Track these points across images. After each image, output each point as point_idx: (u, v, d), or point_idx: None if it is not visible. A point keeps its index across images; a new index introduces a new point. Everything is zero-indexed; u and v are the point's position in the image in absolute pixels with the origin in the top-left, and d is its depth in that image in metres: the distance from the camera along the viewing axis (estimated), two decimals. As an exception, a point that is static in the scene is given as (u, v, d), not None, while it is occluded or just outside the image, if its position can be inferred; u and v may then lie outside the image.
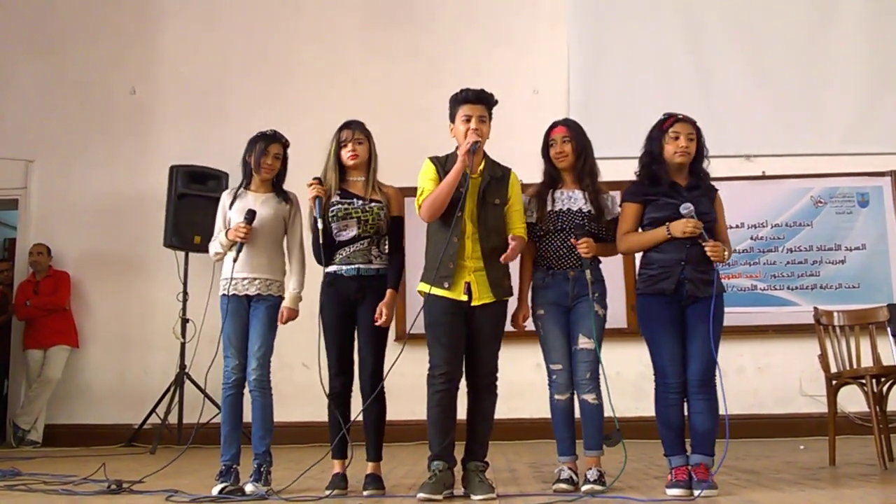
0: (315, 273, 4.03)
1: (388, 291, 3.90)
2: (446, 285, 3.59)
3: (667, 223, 3.62)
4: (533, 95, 7.38)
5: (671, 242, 3.61)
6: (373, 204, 3.91)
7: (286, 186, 4.17)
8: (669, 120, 3.75)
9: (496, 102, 3.72)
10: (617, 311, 6.07)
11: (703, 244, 3.55)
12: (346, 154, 3.91)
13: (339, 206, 3.87)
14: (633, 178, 3.90)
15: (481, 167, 3.69)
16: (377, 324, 3.83)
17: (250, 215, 3.95)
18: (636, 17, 7.53)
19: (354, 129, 3.95)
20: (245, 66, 7.66)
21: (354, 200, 3.90)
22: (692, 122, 3.75)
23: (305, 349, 4.48)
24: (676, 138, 3.70)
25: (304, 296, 4.08)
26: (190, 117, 7.57)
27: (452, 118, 3.73)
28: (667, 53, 7.45)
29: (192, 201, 6.83)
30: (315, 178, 3.90)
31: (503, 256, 3.60)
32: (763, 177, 7.13)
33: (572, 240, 3.77)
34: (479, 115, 3.67)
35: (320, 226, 3.80)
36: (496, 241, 3.68)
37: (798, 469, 4.43)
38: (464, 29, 7.63)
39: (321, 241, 3.84)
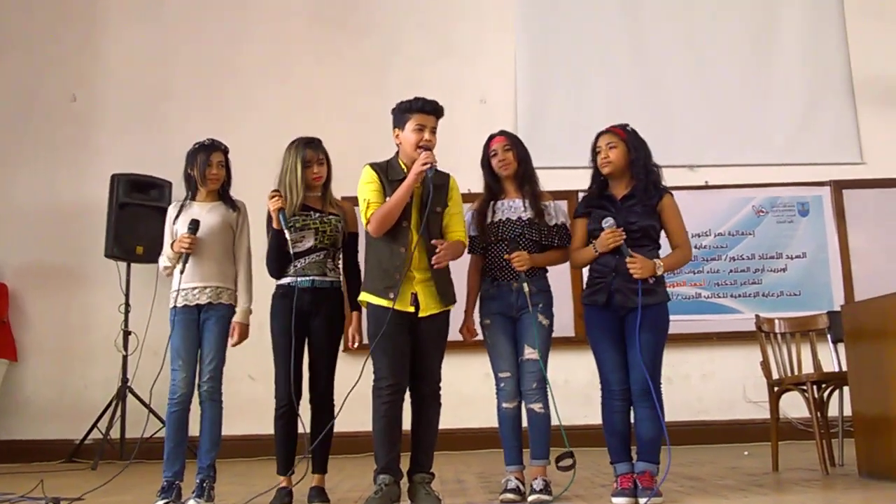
0: (264, 285, 3.99)
1: (355, 315, 3.90)
2: (392, 295, 3.56)
3: (592, 241, 3.69)
4: (480, 105, 7.40)
5: (607, 254, 3.65)
6: (330, 216, 3.90)
7: (232, 193, 4.13)
8: (595, 139, 3.85)
9: (444, 113, 3.73)
10: (565, 320, 6.11)
11: (626, 260, 3.59)
12: (309, 175, 3.87)
13: (296, 217, 3.83)
14: (580, 186, 3.96)
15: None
16: (352, 347, 3.87)
17: (194, 225, 3.89)
18: (583, 28, 7.60)
19: (317, 150, 3.92)
20: (189, 73, 7.54)
21: (311, 213, 3.88)
22: (613, 131, 3.81)
23: (252, 362, 4.44)
24: (599, 152, 3.79)
25: (252, 308, 4.02)
26: (132, 125, 7.42)
27: (401, 125, 3.70)
28: (613, 64, 7.53)
29: (134, 211, 6.71)
30: (275, 191, 3.85)
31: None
32: (706, 186, 7.23)
33: (505, 255, 3.79)
34: (432, 127, 3.67)
35: (288, 236, 3.75)
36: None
37: (741, 475, 4.48)
38: (411, 36, 7.61)
39: (282, 254, 3.78)
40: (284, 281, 3.85)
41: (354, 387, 3.48)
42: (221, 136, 4.13)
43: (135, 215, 6.70)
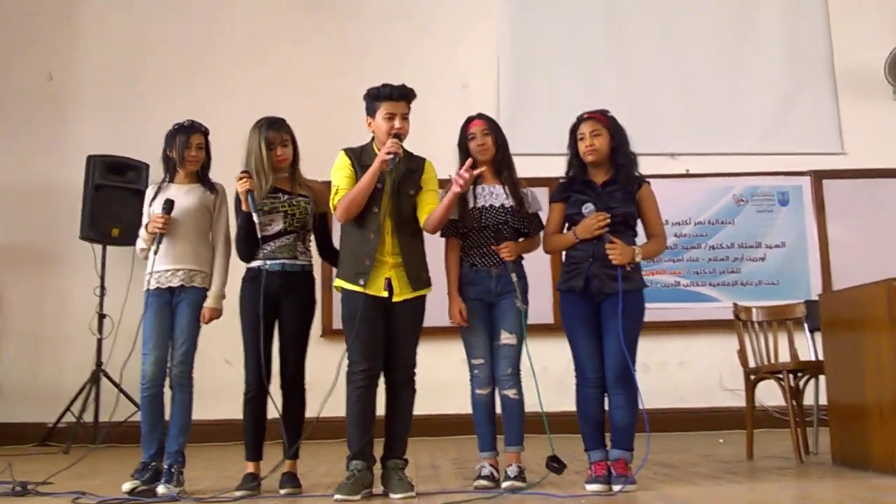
0: (238, 267, 3.94)
1: None
2: (362, 282, 3.53)
3: (573, 228, 3.67)
4: (462, 89, 7.34)
5: (586, 240, 3.63)
6: (299, 198, 3.85)
7: (211, 176, 4.08)
8: (576, 123, 3.79)
9: (415, 96, 3.67)
10: (543, 307, 6.11)
11: (606, 245, 3.57)
12: (273, 158, 3.80)
13: (265, 200, 3.77)
14: (561, 174, 3.92)
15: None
16: None
17: (168, 205, 3.84)
18: (564, 15, 7.55)
19: (280, 131, 3.84)
20: (168, 54, 7.44)
21: (280, 195, 3.82)
22: (596, 117, 3.76)
23: (228, 345, 4.40)
24: (582, 139, 3.73)
25: (226, 291, 3.98)
26: (109, 106, 7.31)
27: (371, 112, 3.65)
28: (593, 52, 7.49)
29: (110, 193, 6.62)
30: (244, 172, 3.78)
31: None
32: (687, 175, 7.22)
33: (493, 246, 3.76)
34: (403, 113, 3.61)
35: (256, 220, 3.69)
36: (412, 232, 3.67)
37: (716, 463, 4.49)
38: (392, 19, 7.54)
39: (251, 237, 3.73)
40: (254, 264, 3.80)
41: (336, 380, 3.47)
42: (200, 118, 4.08)
43: (111, 197, 6.61)
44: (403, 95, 3.62)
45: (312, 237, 3.97)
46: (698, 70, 7.46)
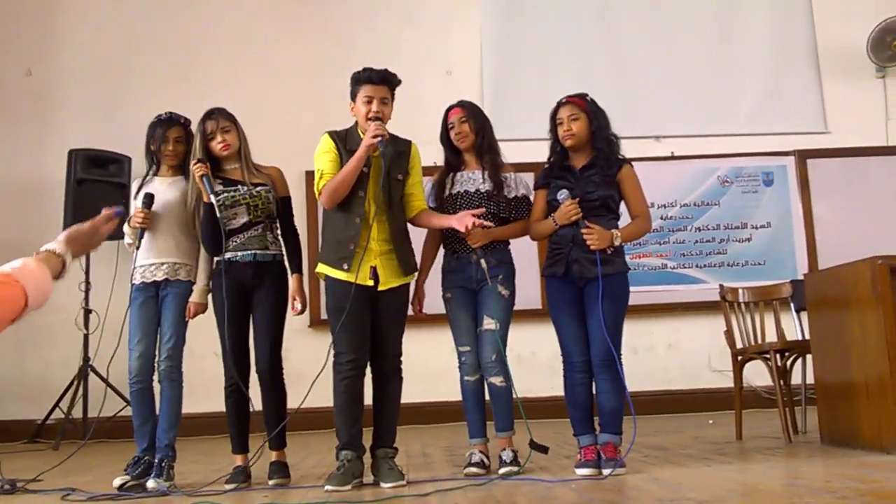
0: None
1: (295, 277, 3.83)
2: (346, 267, 3.49)
3: (552, 215, 3.66)
4: (446, 76, 7.33)
5: (566, 226, 3.62)
6: (259, 188, 3.79)
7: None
8: (555, 108, 3.78)
9: (399, 82, 3.63)
10: (532, 293, 6.14)
11: (583, 231, 3.55)
12: (216, 146, 3.76)
13: (225, 194, 3.72)
14: (546, 160, 3.91)
15: None
16: (295, 314, 3.80)
17: (148, 199, 3.80)
18: (550, 0, 7.53)
19: (218, 118, 3.79)
20: (149, 45, 7.37)
21: (239, 187, 3.77)
22: (574, 102, 3.74)
23: (216, 338, 4.38)
24: (561, 124, 3.72)
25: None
26: (91, 99, 7.25)
27: (353, 96, 3.62)
28: (579, 35, 7.48)
29: (92, 187, 6.56)
30: (196, 159, 3.72)
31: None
32: (672, 157, 7.23)
33: (460, 233, 3.69)
34: (382, 97, 3.57)
35: (214, 201, 3.63)
36: (401, 218, 3.67)
37: (705, 444, 4.51)
38: (377, 8, 7.51)
39: (213, 223, 3.68)
40: (225, 256, 3.74)
41: (323, 369, 3.45)
42: (184, 110, 4.03)
43: (93, 191, 6.55)
44: (383, 79, 3.58)
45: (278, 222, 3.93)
46: (683, 53, 7.46)
